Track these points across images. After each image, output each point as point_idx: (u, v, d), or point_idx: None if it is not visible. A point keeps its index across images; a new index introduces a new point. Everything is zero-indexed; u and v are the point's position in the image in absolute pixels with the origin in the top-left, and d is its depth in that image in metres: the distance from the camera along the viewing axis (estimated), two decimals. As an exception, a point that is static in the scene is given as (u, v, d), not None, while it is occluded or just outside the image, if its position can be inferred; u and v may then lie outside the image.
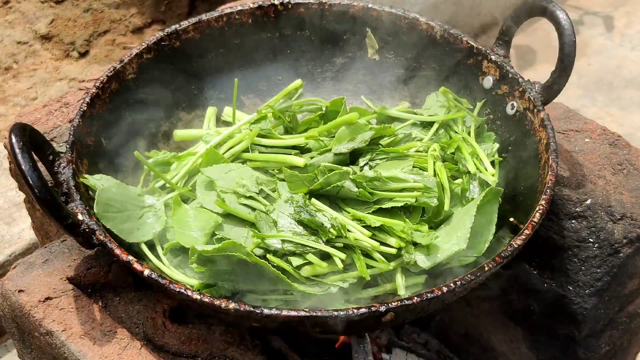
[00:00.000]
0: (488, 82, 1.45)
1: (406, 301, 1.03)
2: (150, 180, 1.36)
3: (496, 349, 1.70)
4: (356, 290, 1.21)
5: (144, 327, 1.23)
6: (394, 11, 1.52)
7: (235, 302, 1.03)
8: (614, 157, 1.46)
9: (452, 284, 1.06)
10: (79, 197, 1.15)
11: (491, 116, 1.46)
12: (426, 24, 1.50)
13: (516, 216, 1.27)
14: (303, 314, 1.01)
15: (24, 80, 2.95)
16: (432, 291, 1.05)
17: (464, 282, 1.06)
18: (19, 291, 1.22)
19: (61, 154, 1.21)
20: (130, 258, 1.08)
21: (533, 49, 3.31)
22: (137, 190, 1.29)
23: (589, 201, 1.37)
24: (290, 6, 1.54)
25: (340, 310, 1.02)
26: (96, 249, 1.17)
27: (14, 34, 3.08)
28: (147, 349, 1.17)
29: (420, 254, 1.20)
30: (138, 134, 1.41)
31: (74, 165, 1.19)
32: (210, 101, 1.55)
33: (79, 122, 1.27)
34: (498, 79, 1.43)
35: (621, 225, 1.36)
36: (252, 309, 1.02)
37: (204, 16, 1.50)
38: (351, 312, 1.02)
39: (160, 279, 1.05)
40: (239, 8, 1.52)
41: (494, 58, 1.43)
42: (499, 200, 1.26)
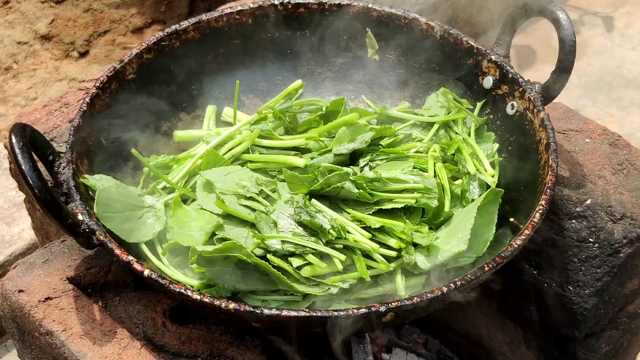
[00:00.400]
0: (488, 82, 1.45)
1: (406, 301, 1.03)
2: (150, 181, 1.36)
3: (496, 349, 1.70)
4: (356, 290, 1.21)
5: (144, 327, 1.23)
6: (394, 11, 1.52)
7: (235, 303, 1.03)
8: (614, 157, 1.46)
9: (452, 284, 1.06)
10: (79, 197, 1.15)
11: (491, 116, 1.46)
12: (426, 24, 1.50)
13: (516, 216, 1.27)
14: (303, 314, 1.02)
15: (24, 80, 2.94)
16: (432, 291, 1.05)
17: (464, 282, 1.07)
18: (19, 291, 1.22)
19: (61, 154, 1.21)
20: (130, 258, 1.08)
21: (533, 49, 3.31)
22: (137, 190, 1.29)
23: (589, 201, 1.37)
24: (290, 6, 1.54)
25: (340, 310, 1.02)
26: (96, 249, 1.17)
27: (14, 34, 3.08)
28: (147, 349, 1.17)
29: (421, 255, 1.21)
30: (138, 134, 1.41)
31: (74, 165, 1.19)
32: (210, 101, 1.54)
33: (79, 122, 1.27)
34: (498, 79, 1.43)
35: (621, 225, 1.36)
36: (252, 309, 1.02)
37: (204, 16, 1.50)
38: (351, 312, 1.02)
39: (160, 279, 1.05)
40: (239, 8, 1.52)
41: (494, 58, 1.43)
42: (499, 201, 1.26)
